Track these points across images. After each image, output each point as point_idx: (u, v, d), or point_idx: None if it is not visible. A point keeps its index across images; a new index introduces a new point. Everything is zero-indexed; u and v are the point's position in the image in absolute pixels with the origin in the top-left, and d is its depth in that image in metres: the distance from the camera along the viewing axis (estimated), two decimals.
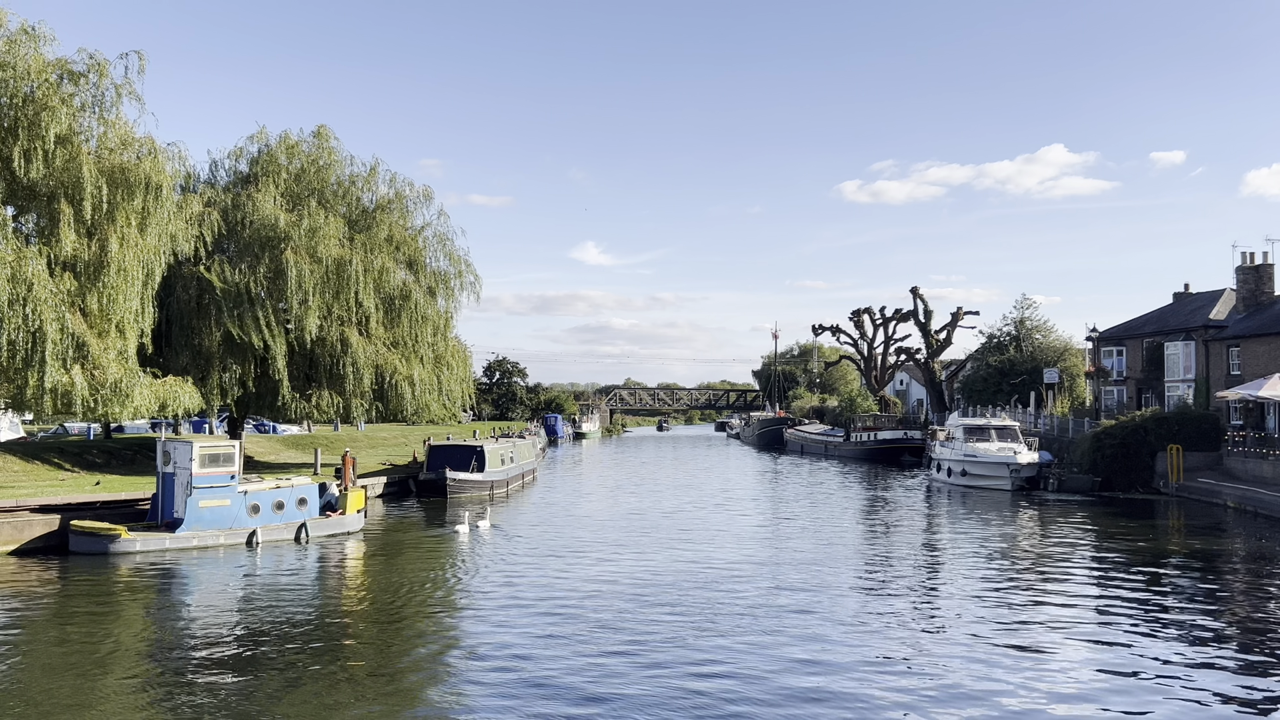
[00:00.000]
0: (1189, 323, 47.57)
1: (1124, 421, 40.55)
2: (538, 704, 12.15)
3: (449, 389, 40.95)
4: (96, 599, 18.65)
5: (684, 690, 12.63)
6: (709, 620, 16.47)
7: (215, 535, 24.30)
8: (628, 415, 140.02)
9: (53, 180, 26.84)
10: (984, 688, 12.80)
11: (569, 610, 17.31)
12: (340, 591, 20.14)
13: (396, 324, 39.01)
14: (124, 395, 26.85)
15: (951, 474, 42.77)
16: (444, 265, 42.67)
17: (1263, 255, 45.41)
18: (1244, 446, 37.74)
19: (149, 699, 12.41)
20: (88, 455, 37.97)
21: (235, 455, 25.37)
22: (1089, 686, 12.94)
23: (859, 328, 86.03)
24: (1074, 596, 18.80)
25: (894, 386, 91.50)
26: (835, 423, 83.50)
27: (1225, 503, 32.93)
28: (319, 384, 37.76)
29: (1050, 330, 67.67)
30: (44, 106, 26.32)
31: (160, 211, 28.83)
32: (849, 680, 13.11)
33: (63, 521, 23.79)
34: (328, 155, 40.44)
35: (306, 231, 36.00)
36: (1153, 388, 49.33)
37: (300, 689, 12.75)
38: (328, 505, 27.41)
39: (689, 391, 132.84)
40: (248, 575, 21.37)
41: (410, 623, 16.80)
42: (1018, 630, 15.98)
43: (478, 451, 39.64)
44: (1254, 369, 40.72)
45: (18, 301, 24.30)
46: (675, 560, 22.77)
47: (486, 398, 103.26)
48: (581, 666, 13.73)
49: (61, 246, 26.21)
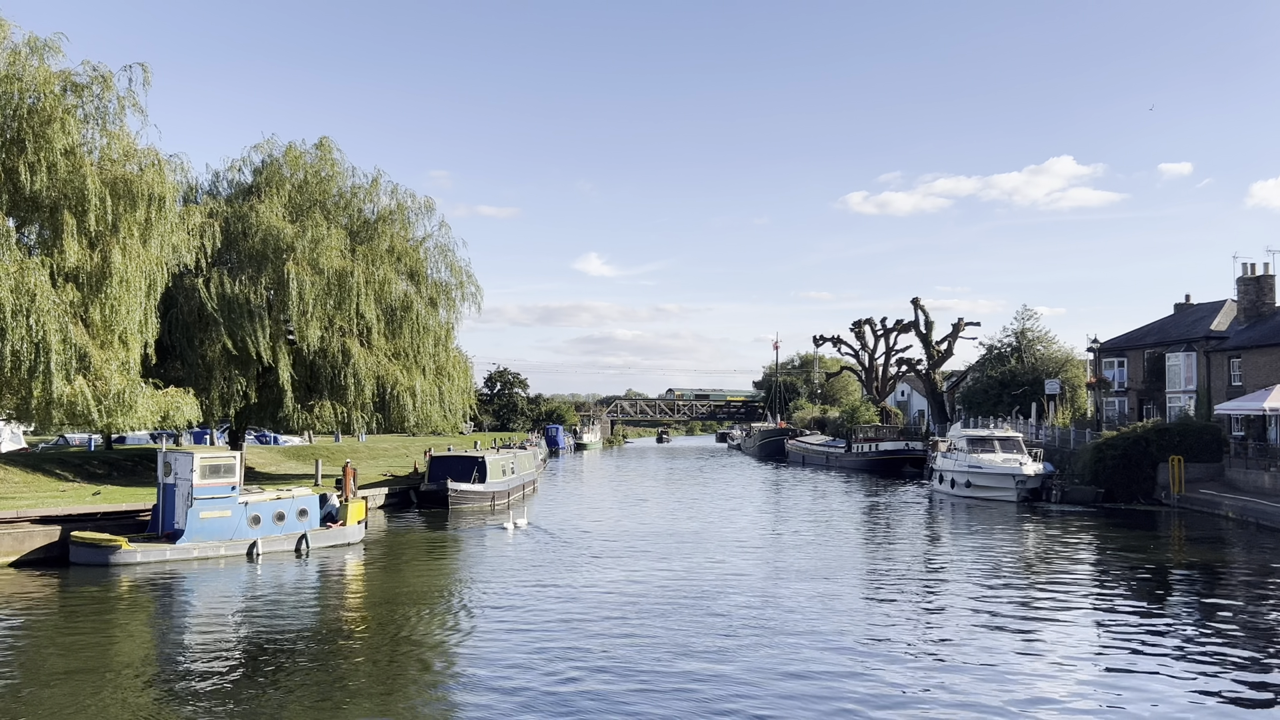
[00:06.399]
0: (1190, 334, 47.56)
1: (1125, 433, 40.51)
2: (539, 715, 12.12)
3: (450, 400, 40.93)
4: (97, 610, 18.62)
5: (686, 703, 12.59)
6: (712, 634, 16.41)
7: (216, 546, 24.27)
8: (629, 426, 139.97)
9: (56, 192, 26.91)
10: (990, 701, 12.76)
11: (569, 621, 17.27)
12: (340, 604, 20.10)
13: (398, 335, 39.03)
14: (126, 406, 26.85)
15: (955, 485, 42.66)
16: (445, 276, 42.73)
17: (1264, 266, 45.47)
18: (1245, 458, 37.68)
19: (149, 712, 12.38)
20: (89, 466, 37.96)
21: (236, 466, 25.36)
22: (1093, 698, 12.90)
23: (860, 339, 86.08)
24: (1084, 611, 18.75)
25: (895, 397, 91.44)
26: (837, 434, 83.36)
27: (1226, 514, 32.87)
28: (320, 395, 37.77)
29: (1051, 341, 67.78)
30: (49, 119, 26.41)
31: (163, 223, 28.89)
32: (856, 688, 13.08)
33: (63, 533, 23.78)
34: (330, 167, 40.55)
35: (310, 242, 36.09)
36: (1154, 399, 49.29)
37: (300, 702, 12.72)
38: (328, 516, 27.39)
39: (690, 402, 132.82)
40: (248, 587, 21.34)
41: (411, 635, 16.76)
42: (1026, 644, 15.94)
43: (479, 462, 39.60)
44: (1255, 380, 40.70)
45: (21, 312, 24.33)
46: (674, 575, 22.71)
47: (488, 408, 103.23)
48: (582, 678, 13.69)
49: (65, 257, 26.26)
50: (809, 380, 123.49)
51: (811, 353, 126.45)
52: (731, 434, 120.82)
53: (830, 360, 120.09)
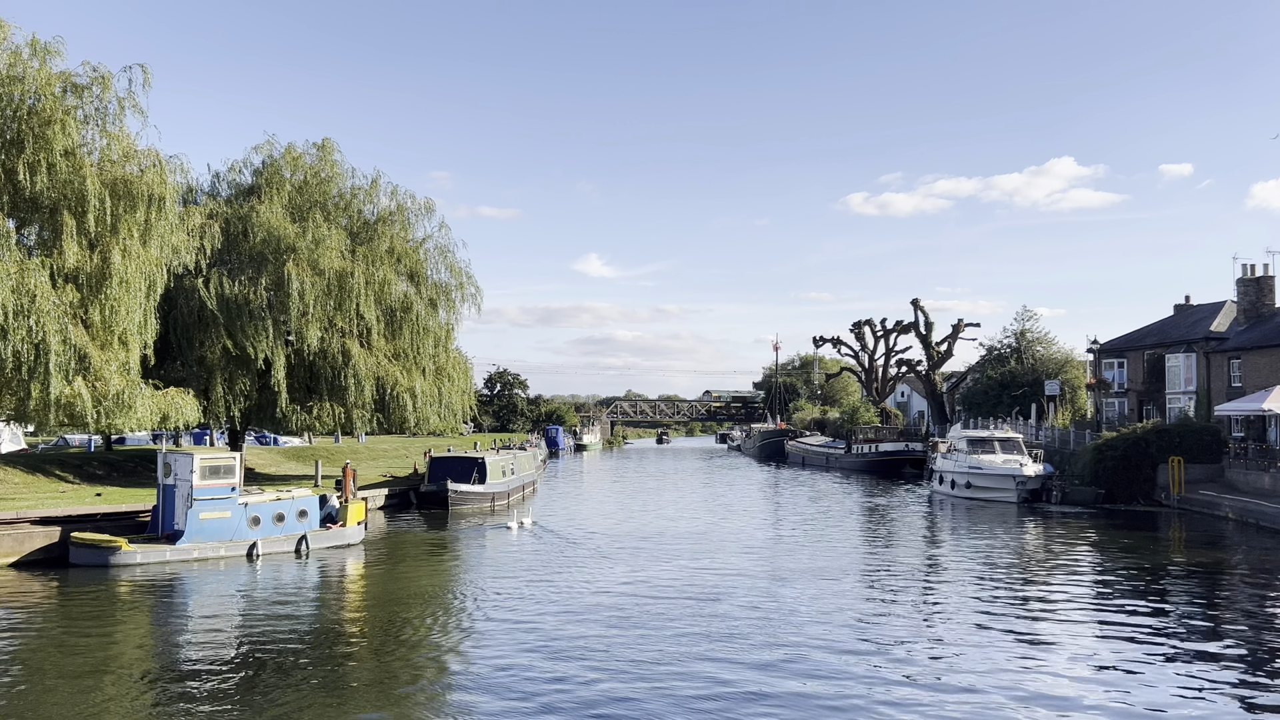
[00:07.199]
0: (1190, 335, 47.55)
1: (1125, 433, 40.49)
2: (539, 716, 12.11)
3: (450, 401, 40.95)
4: (97, 611, 18.61)
5: (687, 707, 12.58)
6: (712, 635, 16.40)
7: (216, 547, 24.27)
8: (628, 427, 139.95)
9: (56, 192, 26.92)
10: (990, 701, 12.76)
11: (570, 623, 17.26)
12: (340, 605, 20.10)
13: (398, 336, 39.03)
14: (126, 407, 26.87)
15: (955, 486, 42.65)
16: (445, 277, 42.76)
17: (1263, 267, 45.44)
18: (1245, 459, 37.69)
19: (149, 712, 12.38)
20: (89, 467, 37.97)
21: (236, 467, 25.36)
22: (1093, 698, 12.89)
23: (860, 339, 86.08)
24: (1084, 611, 18.76)
25: (895, 398, 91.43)
26: (836, 435, 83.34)
27: (1226, 515, 32.87)
28: (320, 396, 37.78)
29: (1051, 342, 67.73)
30: (49, 120, 26.43)
31: (162, 224, 28.90)
32: (857, 688, 13.08)
33: (63, 533, 23.77)
34: (330, 168, 40.58)
35: (310, 243, 36.10)
36: (1154, 400, 49.29)
37: (301, 703, 12.71)
38: (328, 517, 27.38)
39: (690, 403, 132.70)
40: (248, 588, 21.34)
41: (411, 636, 16.75)
42: (1027, 644, 15.94)
43: (479, 463, 39.59)
44: (1255, 381, 40.70)
45: (21, 313, 24.34)
46: (675, 576, 22.70)
47: (487, 409, 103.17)
48: (583, 678, 13.68)
49: (64, 258, 26.27)
50: (809, 381, 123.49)
51: (811, 354, 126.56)
52: (731, 435, 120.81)
53: (830, 361, 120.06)
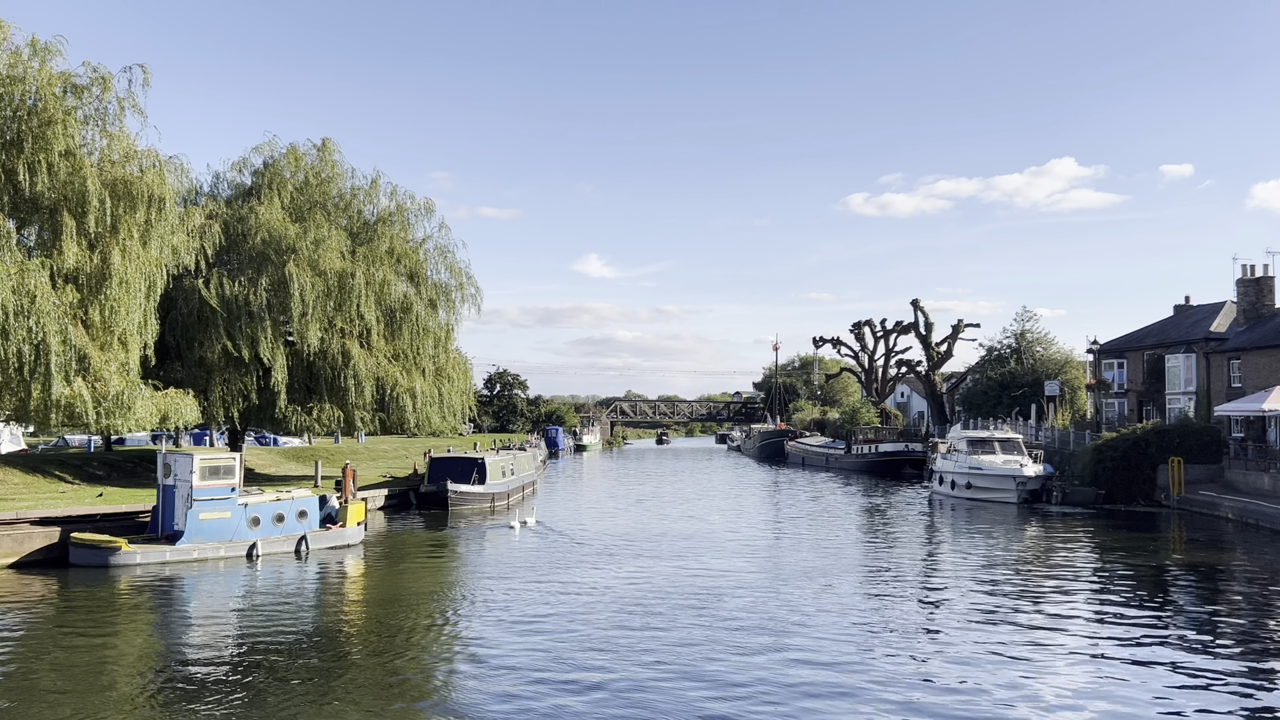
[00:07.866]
0: (1190, 335, 47.56)
1: (1125, 434, 40.49)
2: (540, 716, 12.11)
3: (450, 401, 40.95)
4: (96, 612, 18.61)
5: (687, 706, 12.58)
6: (711, 636, 16.41)
7: (215, 548, 24.26)
8: (628, 427, 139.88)
9: (56, 193, 26.92)
10: (991, 701, 12.76)
11: (570, 623, 17.26)
12: (340, 605, 20.10)
13: (397, 336, 39.04)
14: (126, 407, 26.87)
15: (955, 486, 42.64)
16: (445, 278, 42.77)
17: (1263, 268, 45.41)
18: (1245, 459, 37.70)
19: (149, 712, 12.37)
20: (88, 467, 37.96)
21: (236, 467, 25.35)
22: (1093, 699, 12.90)
23: (860, 340, 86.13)
24: (1084, 612, 18.76)
25: (895, 399, 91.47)
26: (836, 435, 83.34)
27: (1226, 515, 32.88)
28: (320, 396, 37.77)
29: (1051, 343, 67.67)
30: (49, 120, 26.44)
31: (162, 224, 28.91)
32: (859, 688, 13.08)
33: (63, 534, 23.76)
34: (330, 168, 40.61)
35: (310, 244, 36.12)
36: (1154, 400, 49.30)
37: (300, 703, 12.71)
38: (328, 518, 27.38)
39: (689, 404, 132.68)
40: (248, 588, 21.34)
41: (411, 637, 16.75)
42: (1027, 644, 15.93)
43: (479, 464, 39.58)
44: (1255, 381, 40.71)
45: (21, 314, 24.34)
46: (675, 576, 22.70)
47: (487, 410, 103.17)
48: (588, 680, 13.68)
49: (64, 259, 26.27)
50: (809, 382, 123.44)
51: (811, 354, 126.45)
52: (731, 435, 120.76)
53: (830, 361, 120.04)
